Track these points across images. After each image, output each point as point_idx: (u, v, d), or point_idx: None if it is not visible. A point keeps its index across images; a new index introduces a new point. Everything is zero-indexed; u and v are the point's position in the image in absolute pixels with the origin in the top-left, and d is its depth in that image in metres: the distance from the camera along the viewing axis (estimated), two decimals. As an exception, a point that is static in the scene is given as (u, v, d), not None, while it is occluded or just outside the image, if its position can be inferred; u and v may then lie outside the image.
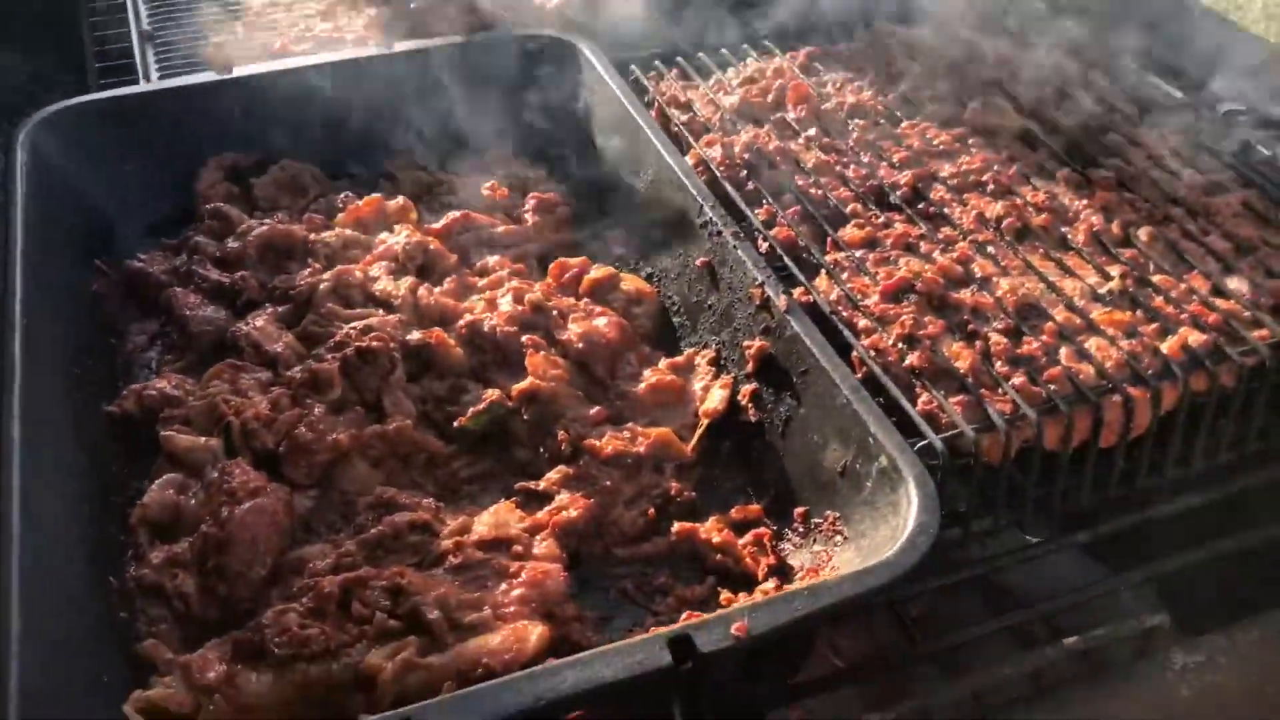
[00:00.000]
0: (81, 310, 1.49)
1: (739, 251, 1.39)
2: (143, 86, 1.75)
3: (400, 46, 1.80)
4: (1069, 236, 1.45)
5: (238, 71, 1.73)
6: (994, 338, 1.29)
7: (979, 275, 1.38)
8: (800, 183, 1.55)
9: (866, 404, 1.18)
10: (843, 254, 1.43)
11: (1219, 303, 1.34)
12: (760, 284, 1.34)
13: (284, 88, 1.74)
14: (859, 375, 1.27)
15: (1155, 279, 1.38)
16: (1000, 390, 1.24)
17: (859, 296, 1.36)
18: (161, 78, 1.99)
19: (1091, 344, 1.29)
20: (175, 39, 2.13)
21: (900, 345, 1.28)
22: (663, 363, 1.41)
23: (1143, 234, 1.45)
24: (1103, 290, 1.36)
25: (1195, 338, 1.29)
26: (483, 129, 1.79)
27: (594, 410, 1.33)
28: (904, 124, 1.66)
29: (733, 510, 1.26)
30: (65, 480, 1.20)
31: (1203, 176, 1.53)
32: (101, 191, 1.63)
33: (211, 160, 1.70)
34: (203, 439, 1.26)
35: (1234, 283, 1.38)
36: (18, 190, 1.48)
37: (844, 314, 1.35)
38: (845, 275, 1.40)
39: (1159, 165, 1.56)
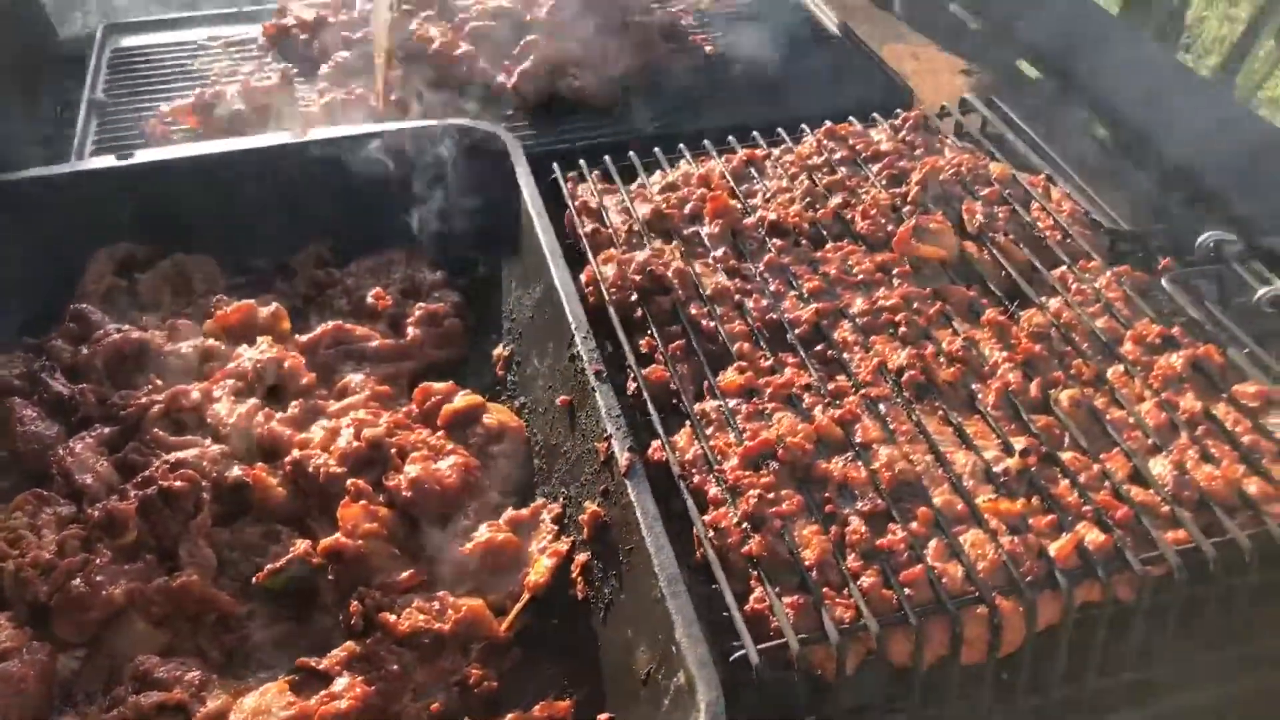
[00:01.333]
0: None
1: (596, 394, 1.25)
2: (29, 172, 1.67)
3: (314, 134, 1.71)
4: (978, 396, 1.27)
5: (139, 156, 1.65)
6: (854, 523, 1.12)
7: (859, 440, 1.21)
8: (694, 311, 1.40)
9: (679, 601, 1.02)
10: (714, 404, 1.27)
11: (1134, 492, 1.15)
12: (607, 436, 1.19)
13: (187, 173, 1.65)
14: (698, 557, 1.12)
15: (1066, 457, 1.19)
16: (846, 590, 1.06)
17: (718, 458, 1.20)
18: (96, 151, 1.94)
19: (969, 537, 1.10)
20: (127, 109, 2.09)
21: (745, 525, 1.12)
22: (506, 516, 1.27)
23: (1064, 398, 1.25)
24: (999, 469, 1.18)
25: (1094, 537, 1.09)
26: (391, 225, 1.68)
27: (405, 574, 1.19)
28: (828, 245, 1.50)
29: (536, 708, 1.11)
30: None
31: (1156, 326, 1.33)
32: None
33: (103, 251, 1.62)
34: (-24, 581, 1.17)
35: (1158, 467, 1.18)
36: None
37: (695, 479, 1.19)
38: (711, 430, 1.24)
39: (1109, 308, 1.36)
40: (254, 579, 1.19)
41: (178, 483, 1.22)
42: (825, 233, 1.52)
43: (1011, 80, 2.26)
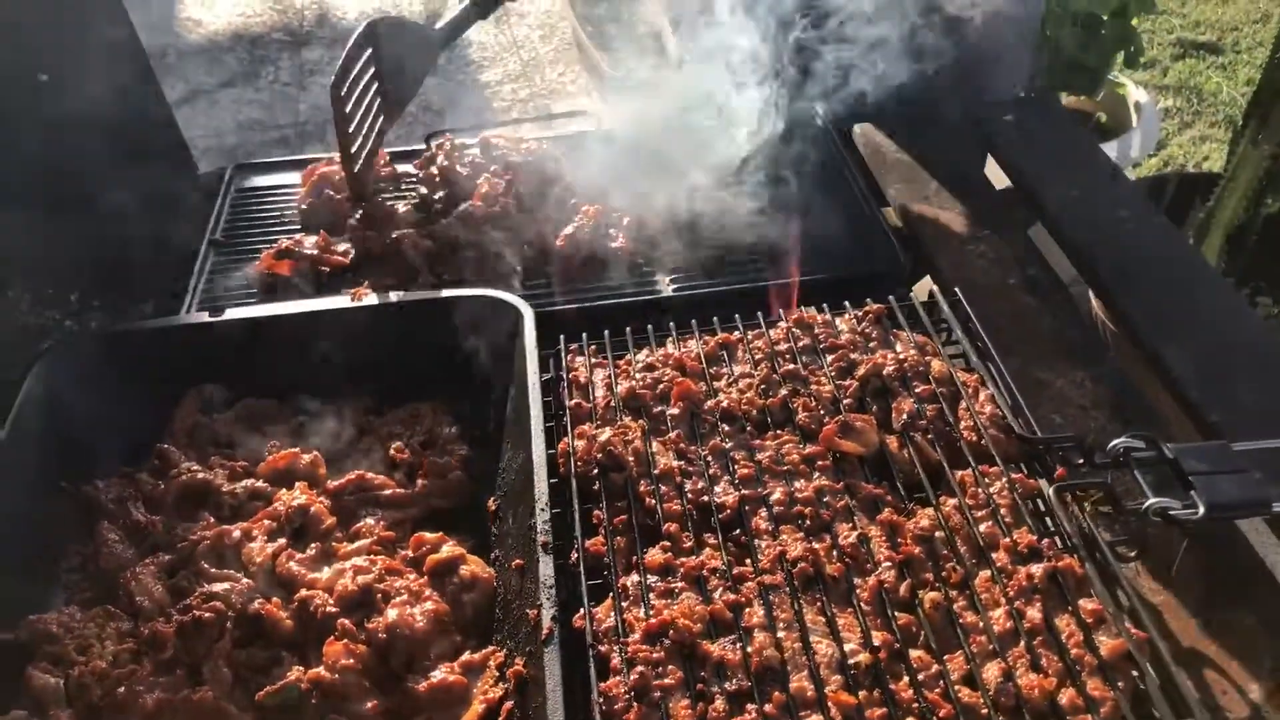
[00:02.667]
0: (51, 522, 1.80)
1: (539, 564, 1.53)
2: (143, 324, 2.07)
3: (368, 299, 2.04)
4: (857, 591, 1.49)
5: (227, 314, 2.02)
6: (718, 701, 1.36)
7: (744, 625, 1.45)
8: (641, 489, 1.66)
9: (562, 759, 1.29)
10: (636, 579, 1.53)
11: (964, 693, 1.35)
12: (538, 605, 1.47)
13: (261, 330, 2.02)
14: None
15: (915, 654, 1.40)
16: (699, 760, 1.31)
17: (627, 630, 1.46)
18: (205, 293, 2.34)
19: (810, 722, 1.33)
20: (241, 247, 2.49)
21: (629, 694, 1.38)
22: (462, 658, 1.56)
23: (927, 600, 1.47)
24: (853, 660, 1.40)
25: (913, 733, 1.31)
26: (423, 377, 2.00)
27: (370, 704, 1.49)
28: (769, 434, 1.74)
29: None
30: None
31: (1030, 535, 1.52)
32: (94, 414, 1.95)
33: (192, 392, 2.00)
34: (53, 681, 1.53)
35: (991, 671, 1.38)
36: (13, 412, 1.82)
37: (603, 648, 1.45)
38: (627, 603, 1.51)
39: (996, 513, 1.57)
40: (256, 696, 1.51)
41: (207, 614, 1.55)
42: (770, 420, 1.77)
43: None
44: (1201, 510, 1.49)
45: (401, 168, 2.66)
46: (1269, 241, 4.56)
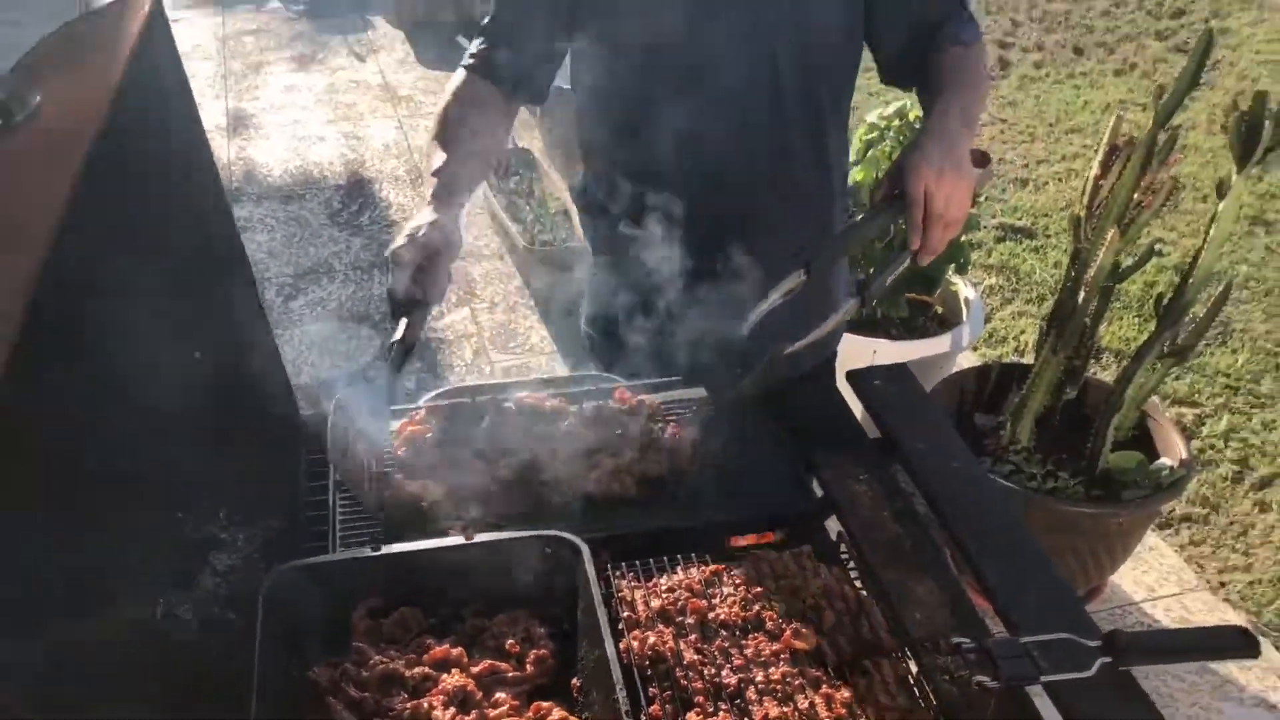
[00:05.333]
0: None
1: (618, 725, 2.58)
2: (327, 558, 3.07)
3: (480, 537, 3.08)
4: (811, 736, 2.60)
5: (383, 549, 3.03)
6: (741, 804, 2.44)
7: (750, 758, 2.54)
8: (678, 674, 2.74)
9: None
10: (683, 732, 2.61)
11: (874, 795, 2.47)
12: (625, 752, 2.53)
13: (406, 560, 3.04)
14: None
15: (846, 774, 2.52)
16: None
17: (682, 764, 2.53)
18: (343, 534, 3.32)
19: (792, 814, 2.42)
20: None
21: (691, 802, 2.45)
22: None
23: (851, 741, 2.58)
24: (813, 778, 2.50)
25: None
26: (515, 594, 3.05)
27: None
28: (751, 635, 2.85)
29: None
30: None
31: (907, 702, 2.66)
32: (300, 617, 2.93)
33: (361, 604, 3.00)
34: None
35: (888, 783, 2.50)
36: (258, 631, 2.79)
37: (670, 775, 2.52)
38: (679, 747, 2.58)
39: (886, 689, 2.70)
40: (460, 811, 2.51)
41: (424, 758, 2.56)
42: (750, 626, 2.88)
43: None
44: (1000, 682, 2.66)
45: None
46: (1068, 422, 5.99)
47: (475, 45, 3.49)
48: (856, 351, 6.02)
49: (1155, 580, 5.73)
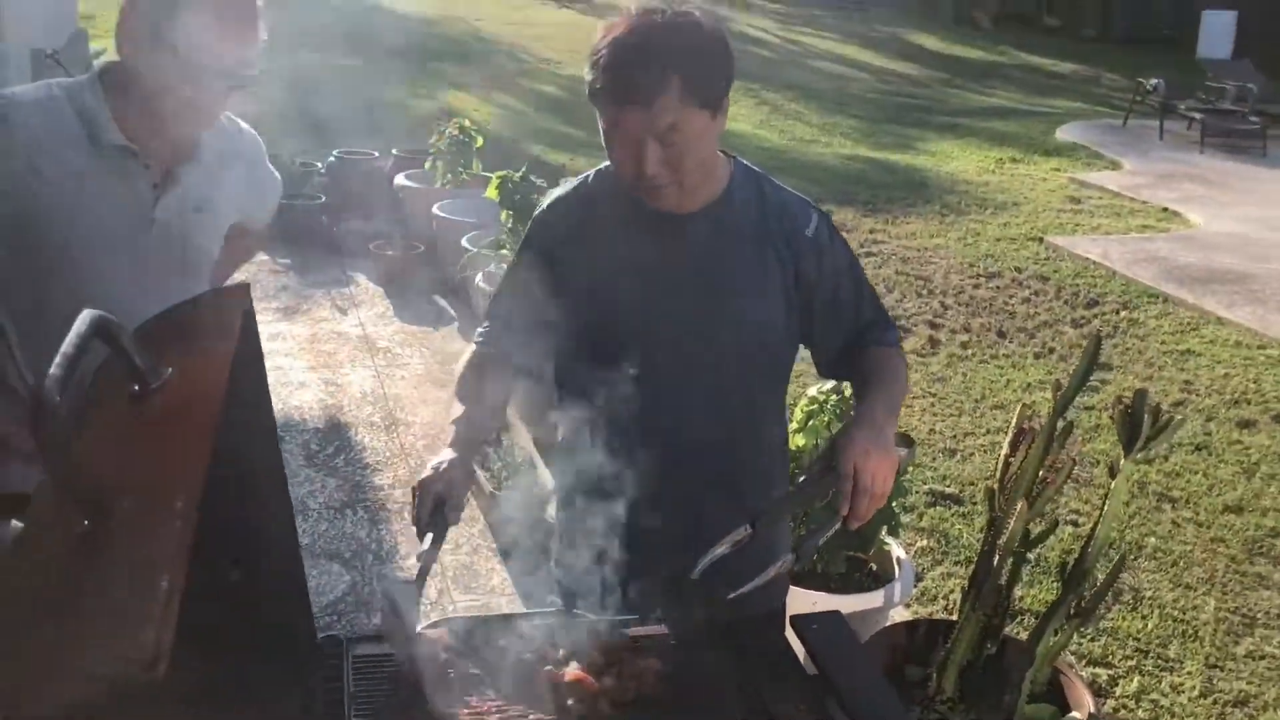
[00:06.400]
0: None
1: None
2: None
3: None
4: None
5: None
6: None
7: None
8: None
9: None
10: None
11: None
12: None
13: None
14: None
15: None
16: None
17: None
18: None
19: None
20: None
21: None
22: None
23: None
24: None
25: None
26: None
27: None
28: None
29: None
30: None
31: None
32: None
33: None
34: None
35: None
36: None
37: None
38: None
39: None
40: None
41: None
42: None
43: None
44: None
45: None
46: (990, 676, 6.55)
47: (484, 325, 4.22)
48: (797, 602, 6.60)
49: (1072, 828, 6.14)
